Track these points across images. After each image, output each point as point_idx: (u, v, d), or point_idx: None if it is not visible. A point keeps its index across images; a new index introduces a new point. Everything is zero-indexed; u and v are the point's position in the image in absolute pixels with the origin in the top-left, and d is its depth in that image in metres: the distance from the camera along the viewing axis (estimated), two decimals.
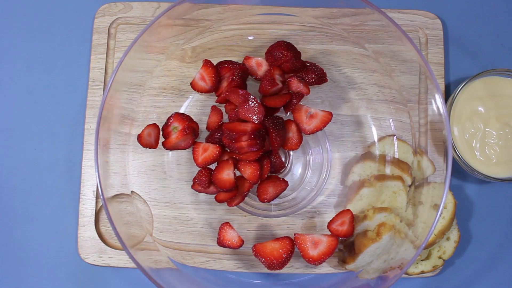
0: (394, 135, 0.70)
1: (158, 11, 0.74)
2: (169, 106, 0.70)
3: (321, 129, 0.66)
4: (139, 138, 0.65)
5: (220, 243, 0.63)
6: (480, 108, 0.69)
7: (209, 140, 0.66)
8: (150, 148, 0.66)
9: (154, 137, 0.66)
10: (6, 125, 0.74)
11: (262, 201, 0.65)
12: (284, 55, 0.66)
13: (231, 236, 0.63)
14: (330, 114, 0.65)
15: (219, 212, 0.69)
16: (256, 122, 0.62)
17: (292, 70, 0.66)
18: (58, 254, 0.71)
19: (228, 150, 0.65)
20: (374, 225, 0.65)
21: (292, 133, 0.65)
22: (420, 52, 0.61)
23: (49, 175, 0.73)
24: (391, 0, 0.76)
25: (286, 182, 0.66)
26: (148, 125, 0.65)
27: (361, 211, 0.67)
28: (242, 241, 0.63)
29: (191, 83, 0.66)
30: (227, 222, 0.64)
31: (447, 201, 0.67)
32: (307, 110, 0.65)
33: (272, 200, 0.65)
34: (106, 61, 0.73)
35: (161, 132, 0.66)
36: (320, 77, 0.68)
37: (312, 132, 0.66)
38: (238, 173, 0.64)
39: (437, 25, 0.74)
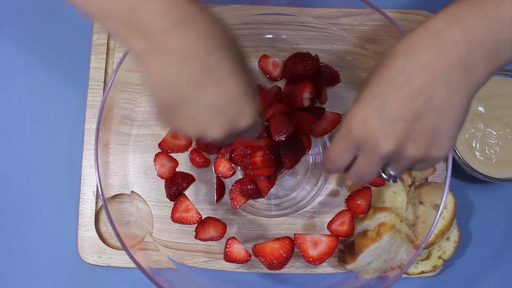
0: None
1: None
2: None
3: (330, 131, 0.65)
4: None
5: (228, 258, 0.63)
6: (480, 108, 0.69)
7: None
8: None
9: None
10: (6, 125, 0.74)
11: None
12: (306, 67, 0.65)
13: (237, 250, 0.63)
14: (339, 115, 0.65)
15: (219, 212, 0.69)
16: (279, 139, 0.61)
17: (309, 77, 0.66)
18: (58, 254, 0.71)
19: (239, 168, 0.65)
20: (374, 225, 0.65)
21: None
22: None
23: (49, 175, 0.73)
24: (391, 0, 0.76)
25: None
26: None
27: None
28: (250, 255, 0.63)
29: None
30: (234, 237, 0.64)
31: (447, 201, 0.67)
32: None
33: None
34: (106, 61, 0.72)
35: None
36: (333, 79, 0.68)
37: (321, 134, 0.66)
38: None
39: None
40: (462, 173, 0.73)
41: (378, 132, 0.43)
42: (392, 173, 0.47)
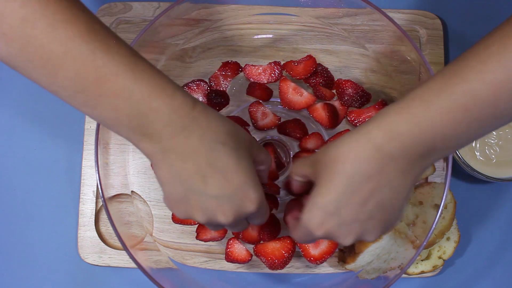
0: None
1: (158, 11, 0.74)
2: None
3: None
4: None
5: (229, 259, 0.63)
6: None
7: None
8: None
9: None
10: (6, 125, 0.74)
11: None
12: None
13: (239, 251, 0.63)
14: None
15: None
16: None
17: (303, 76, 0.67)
18: (58, 254, 0.71)
19: None
20: None
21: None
22: (420, 52, 0.61)
23: (49, 175, 0.73)
24: (391, 0, 0.76)
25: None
26: None
27: None
28: (251, 256, 0.62)
29: None
30: (234, 237, 0.63)
31: (447, 201, 0.67)
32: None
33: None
34: None
35: None
36: (329, 83, 0.68)
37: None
38: None
39: (437, 25, 0.74)
40: (462, 173, 0.73)
41: (337, 232, 0.49)
42: None
